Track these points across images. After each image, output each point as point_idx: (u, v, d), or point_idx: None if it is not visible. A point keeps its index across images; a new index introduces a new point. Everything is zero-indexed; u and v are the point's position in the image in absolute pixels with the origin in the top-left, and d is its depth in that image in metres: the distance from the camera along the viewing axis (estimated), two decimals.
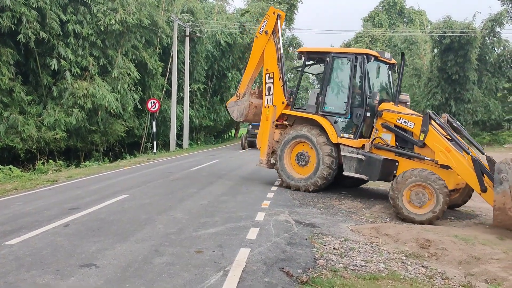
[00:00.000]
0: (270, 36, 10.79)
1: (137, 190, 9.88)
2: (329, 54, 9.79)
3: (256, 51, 11.16)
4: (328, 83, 9.77)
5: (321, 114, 9.73)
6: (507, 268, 5.27)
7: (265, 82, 10.84)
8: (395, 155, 8.85)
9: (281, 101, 10.53)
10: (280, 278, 4.51)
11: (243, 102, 11.41)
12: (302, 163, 9.96)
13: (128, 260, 4.94)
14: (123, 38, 20.31)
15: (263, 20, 10.99)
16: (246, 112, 11.34)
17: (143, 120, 24.35)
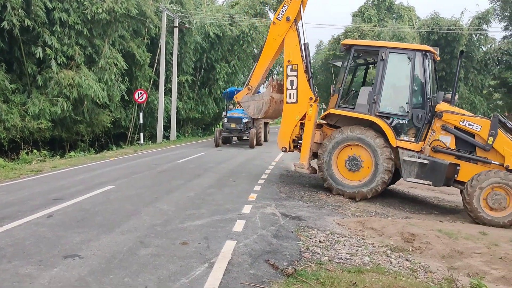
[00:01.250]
0: (292, 24, 9.61)
1: (123, 181, 9.79)
2: (385, 49, 8.76)
3: (273, 40, 9.92)
4: (384, 81, 8.73)
5: (377, 115, 8.73)
6: (488, 262, 5.36)
7: (286, 75, 9.67)
8: (455, 158, 8.33)
9: (308, 97, 9.43)
10: (266, 270, 4.51)
11: (261, 96, 10.23)
12: (353, 168, 8.87)
13: (112, 251, 4.90)
14: (110, 27, 20.02)
15: (283, 4, 9.70)
16: (266, 108, 10.11)
17: (130, 111, 24.11)
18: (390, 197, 9.56)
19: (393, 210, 8.44)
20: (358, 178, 8.84)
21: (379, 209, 8.27)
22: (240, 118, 20.30)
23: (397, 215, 7.99)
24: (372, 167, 8.61)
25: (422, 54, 8.47)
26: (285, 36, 9.70)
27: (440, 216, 8.24)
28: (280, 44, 9.84)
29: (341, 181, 8.98)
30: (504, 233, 6.76)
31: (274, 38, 9.90)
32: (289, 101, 9.65)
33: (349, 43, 9.38)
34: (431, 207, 9.14)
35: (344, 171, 8.99)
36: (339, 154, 8.99)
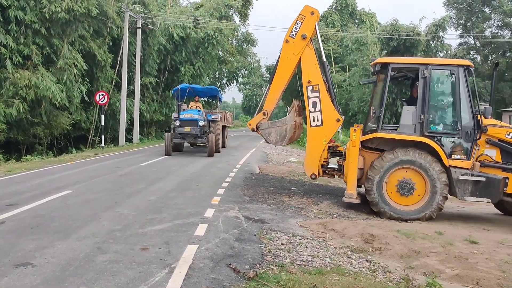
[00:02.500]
0: (308, 41, 9.08)
1: (82, 185, 9.51)
2: (426, 66, 8.25)
3: (288, 59, 9.17)
4: (429, 99, 8.25)
5: (427, 135, 8.20)
6: (444, 261, 5.53)
7: (307, 97, 9.04)
8: (502, 171, 8.08)
9: (334, 118, 8.91)
10: (227, 274, 4.48)
11: (284, 122, 9.47)
12: (405, 192, 8.22)
13: (68, 258, 4.73)
14: (70, 27, 19.44)
15: (295, 21, 9.08)
16: (290, 134, 9.39)
17: (90, 113, 23.48)
18: None
19: (354, 212, 8.58)
20: (410, 202, 8.24)
21: (340, 211, 8.39)
22: (195, 121, 17.17)
23: (358, 216, 8.13)
24: (428, 192, 8.09)
25: (464, 69, 8.20)
26: (302, 55, 9.10)
27: None
28: (296, 64, 9.22)
29: (393, 205, 8.28)
30: (459, 233, 7.00)
31: (289, 57, 9.17)
32: (313, 124, 9.03)
33: (385, 61, 8.78)
34: None
35: (394, 195, 8.29)
36: (390, 178, 8.31)
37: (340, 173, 9.16)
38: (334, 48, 47.49)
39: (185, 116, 17.32)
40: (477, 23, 37.89)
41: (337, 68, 46.48)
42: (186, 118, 17.29)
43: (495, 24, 38.43)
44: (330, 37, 48.01)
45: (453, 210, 9.69)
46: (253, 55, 54.32)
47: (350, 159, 8.37)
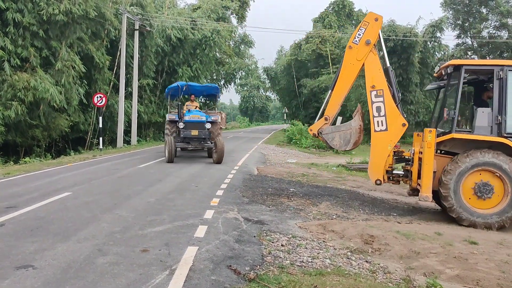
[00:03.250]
0: (372, 47, 9.08)
1: (81, 187, 9.49)
2: (501, 67, 8.19)
3: (351, 65, 9.17)
4: (505, 100, 8.13)
5: (505, 136, 8.06)
6: (444, 262, 5.54)
7: (371, 102, 9.01)
8: None
9: (400, 123, 8.84)
10: (228, 275, 4.48)
11: (348, 126, 9.32)
12: (484, 195, 7.98)
13: (68, 260, 4.73)
14: (68, 29, 19.42)
15: (359, 27, 9.16)
16: (355, 139, 9.23)
17: (89, 115, 23.46)
18: (350, 200, 9.74)
19: (354, 212, 8.59)
20: (489, 205, 8.01)
21: (340, 212, 8.41)
22: (203, 123, 15.46)
23: (357, 217, 8.14)
24: (509, 194, 7.87)
25: None
26: (365, 61, 9.08)
27: (398, 218, 8.45)
28: (359, 69, 9.21)
29: (471, 209, 8.02)
30: (458, 233, 7.02)
31: (352, 63, 9.17)
32: (378, 129, 8.92)
33: (458, 64, 8.58)
34: (389, 209, 9.38)
35: (471, 199, 8.06)
36: (465, 181, 8.09)
37: (406, 178, 9.01)
38: (331, 49, 47.59)
39: (191, 118, 15.49)
40: (474, 24, 38.02)
41: (335, 69, 46.52)
42: (193, 120, 15.44)
43: (492, 25, 38.57)
44: (327, 38, 48.09)
45: None
46: (251, 56, 54.49)
47: (425, 160, 8.08)
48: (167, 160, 14.86)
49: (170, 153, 14.76)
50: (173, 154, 14.85)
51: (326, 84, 44.74)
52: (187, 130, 15.19)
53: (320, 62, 49.63)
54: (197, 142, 15.53)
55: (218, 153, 14.85)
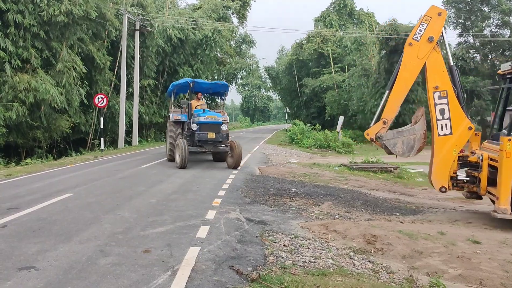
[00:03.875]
0: (435, 44, 8.52)
1: (82, 188, 9.49)
2: None
3: (411, 63, 8.60)
4: None
5: None
6: (447, 261, 5.52)
7: (434, 104, 8.46)
8: None
9: (466, 126, 8.36)
10: (230, 276, 4.47)
11: (412, 131, 8.73)
12: None
13: (71, 261, 4.72)
14: (69, 30, 19.44)
15: (420, 23, 8.55)
16: (419, 144, 8.64)
17: (90, 116, 23.48)
18: (352, 200, 9.72)
19: (356, 212, 8.57)
20: None
21: (342, 212, 8.39)
22: (219, 124, 13.80)
23: (360, 217, 8.12)
24: None
25: None
26: (427, 59, 8.53)
27: (401, 217, 8.43)
28: (420, 68, 8.67)
29: None
30: (461, 232, 7.00)
31: (412, 62, 8.59)
32: (442, 133, 8.41)
33: None
34: (392, 208, 9.35)
35: None
36: None
37: (472, 185, 8.44)
38: (333, 48, 47.56)
39: (207, 119, 13.71)
40: (476, 22, 37.92)
41: (336, 69, 46.55)
42: (209, 121, 13.69)
43: (494, 23, 38.44)
44: (328, 37, 48.07)
45: (455, 210, 9.68)
46: (252, 56, 54.44)
47: (504, 171, 7.43)
48: (180, 165, 13.10)
49: (183, 158, 12.96)
50: (186, 159, 13.08)
51: (328, 84, 44.77)
52: (203, 132, 13.48)
53: (322, 62, 49.62)
54: (212, 145, 13.80)
55: (236, 157, 13.48)
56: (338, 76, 44.96)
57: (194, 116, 14.15)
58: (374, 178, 14.11)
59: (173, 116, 15.24)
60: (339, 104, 41.59)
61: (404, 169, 16.26)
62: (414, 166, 17.89)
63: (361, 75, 37.53)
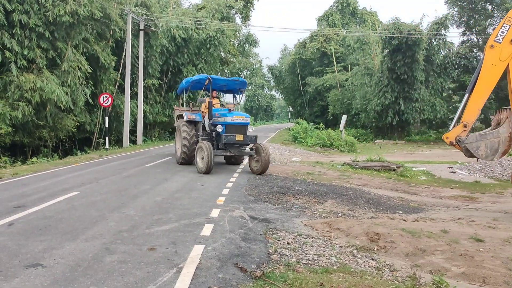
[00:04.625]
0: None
1: (88, 187, 9.57)
2: None
3: (493, 66, 8.40)
4: None
5: None
6: (449, 259, 5.55)
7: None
8: None
9: None
10: (234, 273, 4.52)
11: (496, 134, 8.51)
12: None
13: (77, 259, 4.79)
14: (74, 30, 19.58)
15: (501, 24, 8.37)
16: (504, 148, 8.46)
17: (95, 115, 23.61)
18: (356, 198, 9.75)
19: (359, 210, 8.61)
20: None
21: (345, 210, 8.42)
22: (246, 126, 12.77)
23: (363, 215, 8.15)
24: None
25: None
26: (511, 61, 8.36)
27: (404, 216, 8.45)
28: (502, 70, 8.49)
29: None
30: (464, 231, 7.01)
31: (494, 64, 8.39)
32: None
33: None
34: (395, 207, 9.38)
35: None
36: None
37: None
38: (336, 47, 47.50)
39: (235, 119, 12.56)
40: (479, 21, 37.81)
41: (339, 68, 46.50)
42: (237, 122, 12.56)
43: (497, 22, 38.28)
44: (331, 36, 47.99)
45: (458, 208, 9.70)
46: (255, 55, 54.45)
47: None
48: (205, 170, 11.76)
49: (209, 163, 11.65)
50: (212, 163, 11.79)
51: (331, 83, 44.75)
52: (230, 134, 12.31)
53: (325, 61, 49.61)
54: (237, 149, 12.74)
55: (264, 162, 12.27)
56: (341, 75, 44.95)
57: (217, 116, 13.00)
58: (377, 176, 14.13)
59: (187, 115, 13.92)
60: (342, 103, 41.59)
61: (407, 167, 16.26)
62: (417, 165, 17.90)
63: (364, 74, 37.52)
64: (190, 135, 13.45)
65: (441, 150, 27.30)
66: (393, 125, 35.36)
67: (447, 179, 15.20)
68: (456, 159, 20.75)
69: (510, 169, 15.89)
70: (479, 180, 14.89)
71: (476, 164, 17.29)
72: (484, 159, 8.66)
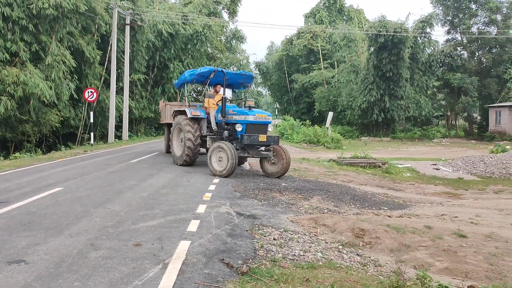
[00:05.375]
0: None
1: (72, 182, 9.46)
2: None
3: None
4: None
5: None
6: (433, 255, 5.63)
7: None
8: None
9: None
10: (220, 269, 4.51)
11: None
12: None
13: (61, 255, 4.73)
14: (58, 23, 19.29)
15: None
16: None
17: (79, 110, 23.34)
18: (341, 194, 9.82)
19: (345, 206, 8.67)
20: None
21: (331, 206, 8.48)
22: (267, 125, 11.49)
23: (348, 211, 8.21)
24: None
25: None
26: None
27: (389, 212, 8.55)
28: None
29: None
30: (447, 226, 7.12)
31: None
32: None
33: None
34: (380, 203, 9.47)
35: None
36: None
37: None
38: (322, 44, 47.63)
39: (257, 118, 11.17)
40: (464, 20, 38.30)
41: (326, 65, 46.67)
42: (260, 121, 11.19)
43: (481, 21, 38.88)
44: (318, 33, 48.10)
45: (441, 204, 9.84)
46: (242, 52, 54.29)
47: None
48: (227, 174, 10.66)
49: (233, 166, 10.50)
50: (234, 164, 10.56)
51: (317, 80, 44.90)
52: (253, 134, 11.01)
53: (311, 58, 49.74)
54: (256, 149, 11.45)
55: (284, 165, 11.38)
56: (327, 72, 45.14)
57: (231, 113, 11.52)
58: (362, 173, 14.24)
59: (190, 112, 12.36)
60: (328, 100, 41.79)
61: (392, 164, 16.42)
62: (401, 162, 18.09)
63: (350, 71, 37.75)
64: (195, 135, 12.00)
65: (426, 147, 27.64)
66: (378, 122, 35.67)
67: (431, 175, 15.41)
68: (440, 156, 21.04)
69: (492, 166, 16.17)
70: (462, 177, 15.12)
71: (460, 161, 17.55)
72: None
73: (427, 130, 37.95)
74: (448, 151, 24.65)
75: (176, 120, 12.97)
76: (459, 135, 38.61)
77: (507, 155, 17.06)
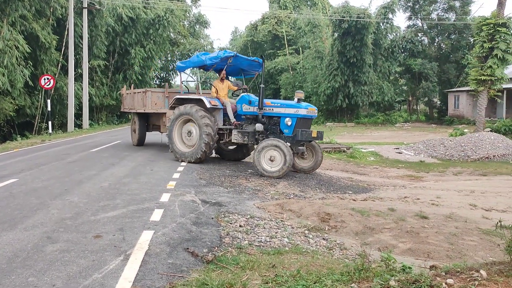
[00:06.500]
0: None
1: (28, 173, 9.04)
2: None
3: None
4: None
5: None
6: (397, 236, 5.72)
7: None
8: None
9: None
10: (185, 258, 4.40)
11: None
12: None
13: (15, 249, 4.47)
14: (9, 6, 18.30)
15: None
16: None
17: (36, 98, 22.38)
18: (307, 179, 9.85)
19: (311, 191, 8.70)
20: None
21: (297, 191, 8.48)
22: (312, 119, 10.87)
23: (314, 196, 8.24)
24: None
25: None
26: None
27: (353, 195, 8.64)
28: None
29: None
30: (410, 208, 7.27)
31: None
32: None
33: None
34: (345, 187, 9.57)
35: None
36: None
37: None
38: (287, 30, 47.59)
39: (309, 112, 10.22)
40: (424, 6, 39.08)
41: (291, 51, 46.70)
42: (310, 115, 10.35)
43: (441, 7, 39.78)
44: (283, 19, 48.00)
45: (404, 187, 10.04)
46: (206, 37, 53.61)
47: None
48: (279, 175, 9.54)
49: (289, 166, 9.57)
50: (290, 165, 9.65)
51: (283, 66, 44.90)
52: (305, 130, 10.01)
53: (276, 44, 49.62)
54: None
55: (319, 161, 10.73)
56: (292, 58, 45.18)
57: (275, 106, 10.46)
58: (328, 158, 14.37)
59: (208, 101, 10.73)
60: (293, 86, 41.89)
61: (356, 149, 16.66)
62: (365, 146, 18.39)
63: (315, 57, 37.89)
64: (214, 128, 10.59)
65: (388, 132, 28.25)
66: (343, 108, 36.11)
67: (394, 159, 15.74)
68: (402, 140, 21.55)
69: (451, 149, 16.69)
70: (423, 160, 15.53)
71: (421, 144, 18.01)
72: None
73: (389, 115, 38.77)
74: (410, 135, 25.28)
75: (179, 111, 11.06)
76: (420, 119, 39.68)
77: (465, 138, 17.64)
